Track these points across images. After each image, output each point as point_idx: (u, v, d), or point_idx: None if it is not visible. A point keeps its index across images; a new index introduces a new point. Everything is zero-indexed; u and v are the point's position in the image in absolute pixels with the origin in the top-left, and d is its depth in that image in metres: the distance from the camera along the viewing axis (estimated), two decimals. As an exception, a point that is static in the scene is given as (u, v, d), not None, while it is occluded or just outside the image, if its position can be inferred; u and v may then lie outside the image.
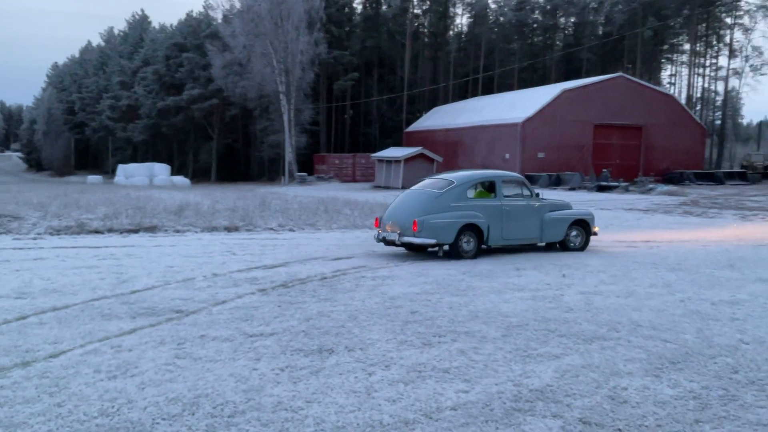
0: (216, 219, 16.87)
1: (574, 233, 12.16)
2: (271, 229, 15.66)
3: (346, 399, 4.32)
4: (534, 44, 71.83)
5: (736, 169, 49.01)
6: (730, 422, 3.95)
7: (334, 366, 5.01)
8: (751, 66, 65.31)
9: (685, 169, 42.61)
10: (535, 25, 71.98)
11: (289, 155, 49.49)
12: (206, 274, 9.03)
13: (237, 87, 52.58)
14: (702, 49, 68.60)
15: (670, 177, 40.88)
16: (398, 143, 55.88)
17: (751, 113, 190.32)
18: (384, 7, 68.78)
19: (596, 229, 12.50)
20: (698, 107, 67.92)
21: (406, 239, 10.83)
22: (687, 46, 69.07)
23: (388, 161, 41.42)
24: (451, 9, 72.35)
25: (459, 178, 11.52)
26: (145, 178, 49.76)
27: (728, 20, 66.54)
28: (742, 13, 65.14)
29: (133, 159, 66.89)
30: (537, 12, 71.16)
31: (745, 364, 5.08)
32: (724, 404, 4.24)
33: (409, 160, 39.61)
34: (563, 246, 12.14)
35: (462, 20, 77.11)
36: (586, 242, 12.28)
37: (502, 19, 68.96)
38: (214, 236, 14.15)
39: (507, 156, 41.69)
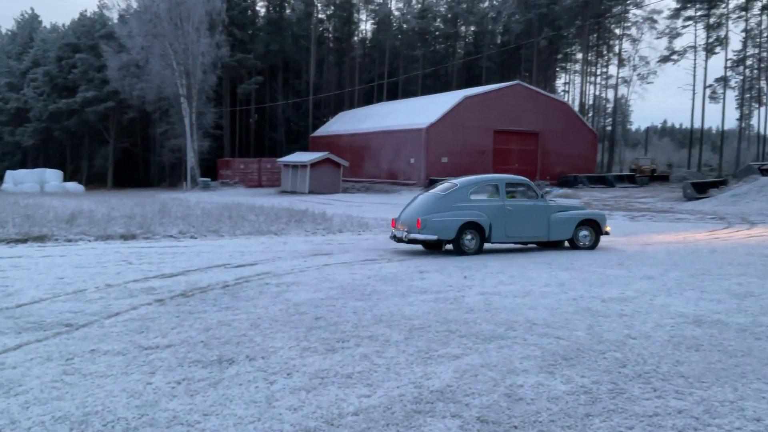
0: (111, 227, 16.15)
1: (583, 233, 12.89)
2: (171, 236, 15.15)
3: (245, 410, 4.22)
4: (437, 51, 73.43)
5: (626, 173, 51.91)
6: (618, 415, 4.14)
7: (234, 376, 4.89)
8: (638, 75, 69.51)
9: (579, 172, 44.79)
10: (437, 33, 73.63)
11: (191, 160, 48.17)
12: (99, 285, 8.62)
13: (135, 89, 50.68)
14: (593, 58, 72.35)
15: (565, 180, 42.82)
16: (304, 148, 55.61)
17: (639, 119, 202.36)
18: (288, 11, 68.33)
19: (608, 229, 13.16)
20: (590, 114, 71.53)
21: (412, 236, 12.00)
22: (580, 56, 72.67)
23: (295, 166, 41.11)
24: (356, 15, 72.86)
25: (462, 181, 12.74)
26: (35, 185, 46.95)
27: (617, 31, 70.57)
28: (630, 24, 69.26)
29: (23, 165, 62.87)
30: (439, 20, 72.83)
31: (632, 359, 5.35)
32: (612, 398, 4.45)
33: (315, 164, 39.47)
34: (572, 244, 12.91)
35: (366, 26, 77.92)
36: (596, 241, 12.92)
37: (405, 26, 70.07)
38: (109, 245, 13.54)
39: (412, 161, 42.34)
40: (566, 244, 13.10)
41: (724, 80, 65.11)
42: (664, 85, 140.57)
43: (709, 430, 3.89)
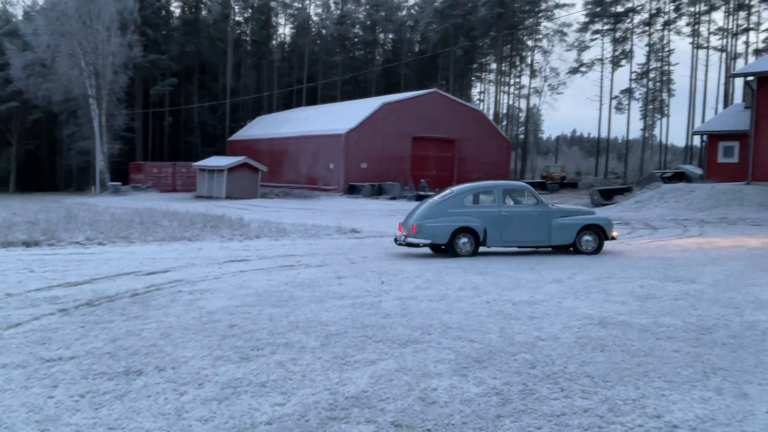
0: (12, 233, 15.29)
1: (586, 238, 12.98)
2: (78, 243, 14.49)
3: (153, 423, 4.07)
4: (356, 58, 73.72)
5: (538, 180, 53.65)
6: (528, 415, 4.26)
7: (142, 388, 4.71)
8: (549, 85, 72.14)
9: (494, 179, 45.88)
10: (356, 40, 73.94)
11: (101, 163, 46.28)
12: (-3, 295, 8.13)
13: (40, 89, 48.21)
14: (507, 68, 74.56)
15: (482, 187, 43.78)
16: (221, 152, 54.48)
17: (550, 128, 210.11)
18: (204, 12, 66.87)
19: (614, 234, 13.25)
20: (504, 122, 73.64)
21: (409, 239, 12.61)
22: (494, 66, 74.72)
23: (211, 170, 40.21)
24: (274, 18, 72.17)
25: (459, 188, 13.44)
26: (-74, 189, 43.87)
27: (530, 43, 73.02)
28: (541, 36, 71.81)
29: None
30: (358, 27, 73.16)
31: (541, 360, 5.51)
32: (522, 398, 4.57)
33: (232, 169, 38.73)
34: (575, 249, 13.00)
35: (285, 30, 77.28)
36: (599, 246, 13.01)
37: (324, 31, 69.94)
38: (10, 252, 12.80)
39: (332, 166, 42.27)
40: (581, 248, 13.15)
41: (629, 92, 68.56)
42: (574, 96, 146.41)
43: (612, 428, 4.06)
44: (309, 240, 15.99)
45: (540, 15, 70.77)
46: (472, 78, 78.80)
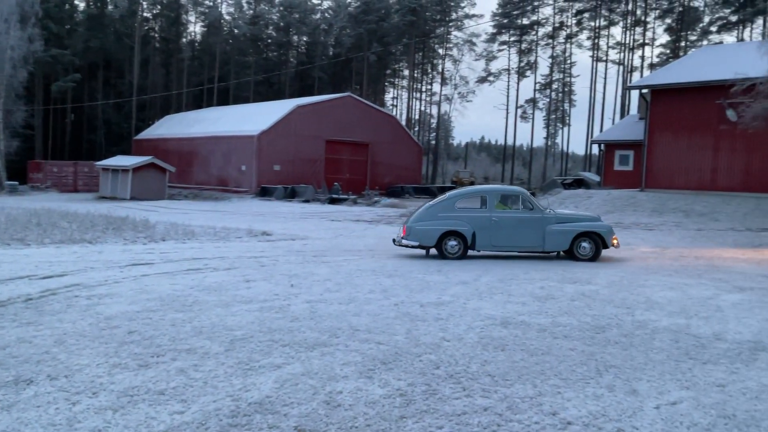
0: None
1: (583, 245, 12.95)
2: (-35, 246, 13.56)
3: (42, 434, 3.87)
4: (269, 59, 72.81)
5: (448, 184, 54.77)
6: (430, 415, 4.33)
7: (32, 398, 4.47)
8: (459, 93, 73.81)
9: (406, 183, 46.61)
10: (269, 41, 73.06)
11: (-4, 162, 43.56)
12: None
13: (-72, 82, 44.84)
14: (419, 75, 75.75)
15: (393, 190, 44.32)
16: (127, 151, 52.44)
17: (460, 135, 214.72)
18: (110, 7, 64.25)
19: (615, 242, 13.08)
20: (416, 128, 74.70)
21: (404, 242, 13.04)
22: (407, 72, 75.71)
23: (115, 170, 38.61)
24: (184, 16, 70.28)
25: (452, 193, 13.63)
26: None
27: (441, 51, 74.47)
28: (452, 45, 73.39)
29: None
30: (271, 28, 72.32)
31: (445, 360, 5.63)
32: (426, 398, 4.65)
33: (138, 169, 37.35)
34: (572, 256, 13.02)
35: (196, 28, 75.36)
36: (596, 254, 12.93)
37: (236, 31, 68.70)
38: None
39: (243, 168, 41.55)
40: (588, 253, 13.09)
41: (533, 102, 71.17)
42: (482, 104, 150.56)
43: (510, 426, 4.19)
44: (218, 243, 15.64)
45: (450, 24, 72.40)
46: (386, 83, 79.53)
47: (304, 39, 74.11)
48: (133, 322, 6.81)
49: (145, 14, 66.96)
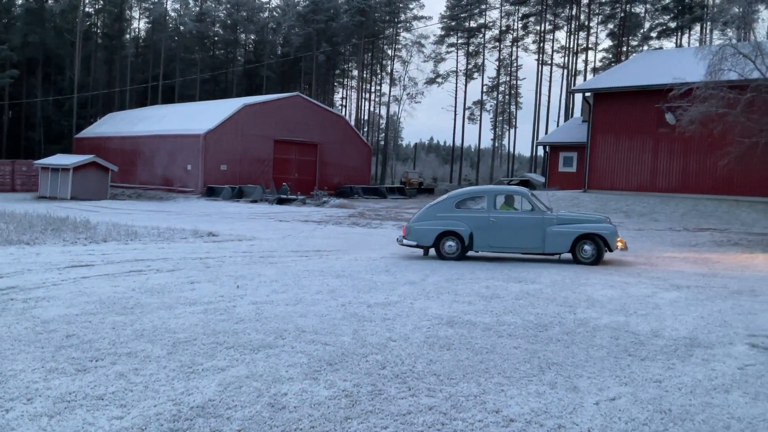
0: None
1: (585, 247, 12.49)
2: None
3: (-29, 444, 3.71)
4: (216, 57, 71.78)
5: (397, 185, 55.04)
6: (375, 416, 4.33)
7: (-39, 406, 4.28)
8: (408, 94, 74.26)
9: (355, 184, 46.59)
10: (216, 38, 72.01)
11: (-76, 160, 41.63)
12: None
13: None
14: (368, 76, 75.82)
15: (342, 191, 44.24)
16: (67, 150, 50.80)
17: (409, 136, 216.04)
18: (50, 2, 62.20)
19: (619, 245, 12.49)
20: (366, 129, 74.75)
21: (403, 241, 13.18)
22: (356, 72, 75.70)
23: (55, 169, 37.38)
24: (128, 12, 68.62)
25: (452, 193, 13.57)
26: None
27: (389, 52, 74.75)
28: (400, 46, 73.75)
29: None
30: (218, 25, 71.28)
31: (391, 360, 5.64)
32: (371, 399, 4.64)
33: (79, 168, 36.25)
34: (574, 258, 12.63)
35: (140, 25, 73.77)
36: (599, 257, 12.44)
37: (182, 28, 67.45)
38: None
39: (189, 167, 40.80)
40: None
41: (480, 104, 72.16)
42: (431, 105, 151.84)
43: (454, 424, 4.22)
44: (162, 244, 15.31)
45: (399, 26, 72.75)
46: (335, 83, 79.38)
47: (252, 37, 73.38)
48: (71, 326, 6.60)
49: (87, 9, 65.09)
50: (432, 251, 13.34)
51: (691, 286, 10.10)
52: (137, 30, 73.18)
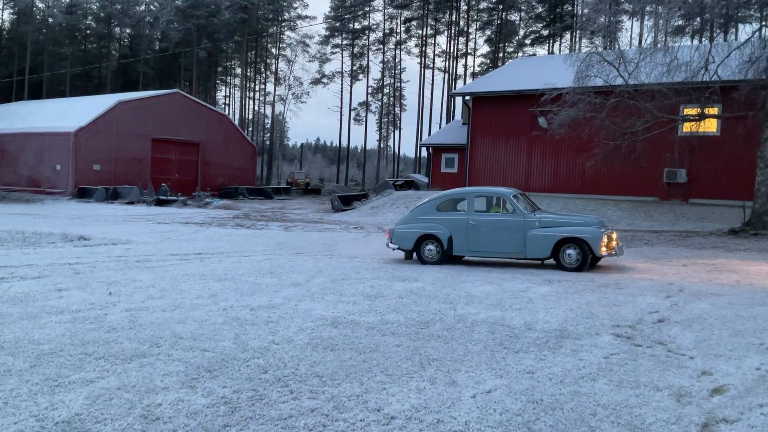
0: None
1: (569, 252, 11.69)
2: None
3: None
4: (88, 51, 67.97)
5: (283, 186, 54.49)
6: (255, 421, 4.24)
7: None
8: (293, 94, 73.72)
9: (240, 184, 45.65)
10: (88, 32, 68.20)
11: None
12: None
13: None
14: (252, 74, 74.52)
15: (226, 192, 43.22)
16: None
17: (295, 136, 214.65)
18: None
19: (604, 250, 11.62)
20: (250, 128, 73.44)
21: (389, 245, 13.09)
22: (239, 71, 74.19)
23: None
24: (-12, 0, 63.58)
25: (434, 195, 13.45)
26: None
27: (274, 51, 73.85)
28: (285, 45, 73.05)
29: None
30: (90, 18, 67.55)
31: (274, 364, 5.54)
32: (251, 404, 4.54)
33: (-71, 169, 33.16)
34: (558, 264, 11.83)
35: (3, 15, 68.49)
36: (583, 262, 11.61)
37: (51, 20, 63.31)
38: None
39: (58, 167, 38.39)
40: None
41: (366, 105, 72.83)
42: (317, 105, 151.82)
43: (336, 425, 4.21)
44: (27, 249, 14.27)
45: (283, 24, 72.05)
46: (217, 81, 77.38)
47: (128, 31, 70.11)
48: None
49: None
50: (414, 255, 12.95)
51: (561, 280, 10.66)
52: (1, 21, 67.92)
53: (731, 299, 8.95)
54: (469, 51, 68.14)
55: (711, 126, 23.59)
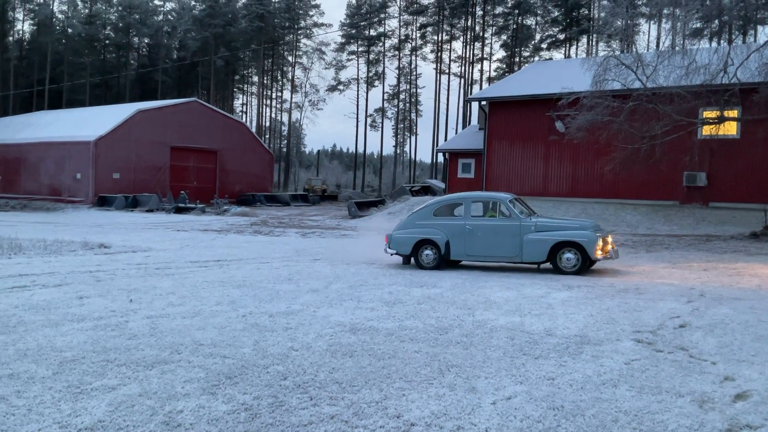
0: None
1: (567, 256, 11.78)
2: None
3: None
4: (107, 61, 68.81)
5: (300, 192, 54.66)
6: (276, 428, 4.25)
7: None
8: (310, 101, 74.11)
9: (257, 191, 45.91)
10: (107, 42, 69.05)
11: None
12: None
13: None
14: (269, 82, 74.98)
15: (244, 199, 43.47)
16: (-60, 159, 47.13)
17: (312, 142, 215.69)
18: None
19: (599, 254, 11.65)
20: (267, 135, 73.85)
21: (387, 250, 13.11)
22: (256, 79, 74.69)
23: (-75, 180, 34.58)
24: (11, 12, 64.56)
25: (431, 201, 13.50)
26: None
27: (290, 58, 74.26)
28: (301, 53, 73.44)
29: None
30: (109, 28, 68.40)
31: (293, 370, 5.56)
32: (272, 411, 4.56)
33: (-47, 178, 33.71)
34: (555, 267, 11.94)
35: (24, 26, 69.55)
36: (581, 266, 11.70)
37: (71, 30, 64.20)
38: None
39: (78, 176, 38.85)
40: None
41: (382, 111, 72.96)
42: (333, 112, 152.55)
43: None
44: (49, 257, 14.45)
45: (299, 32, 72.45)
46: (234, 89, 77.96)
47: (146, 41, 70.86)
48: (-58, 349, 6.10)
49: (-38, 8, 60.80)
50: (413, 260, 13.02)
51: (581, 286, 10.59)
52: (21, 32, 69.00)
53: (753, 303, 8.84)
54: (484, 56, 68.12)
55: (731, 129, 23.35)
